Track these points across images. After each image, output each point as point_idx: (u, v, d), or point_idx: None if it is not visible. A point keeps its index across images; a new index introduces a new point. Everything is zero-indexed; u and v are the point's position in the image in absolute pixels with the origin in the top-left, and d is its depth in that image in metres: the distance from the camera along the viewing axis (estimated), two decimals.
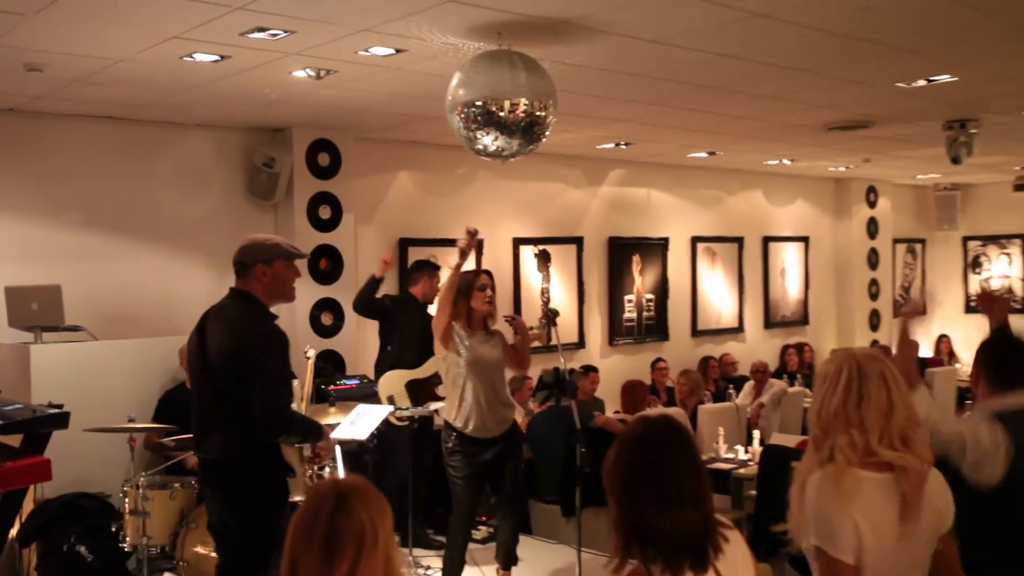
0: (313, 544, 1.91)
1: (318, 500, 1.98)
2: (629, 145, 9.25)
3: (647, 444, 2.35)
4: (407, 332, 6.66)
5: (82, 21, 4.64)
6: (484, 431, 5.30)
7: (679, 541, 2.25)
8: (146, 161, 7.39)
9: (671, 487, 2.28)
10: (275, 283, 4.25)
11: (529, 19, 4.73)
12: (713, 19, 4.82)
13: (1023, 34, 5.32)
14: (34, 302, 6.24)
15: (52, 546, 5.54)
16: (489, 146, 4.86)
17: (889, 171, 12.46)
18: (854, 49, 5.55)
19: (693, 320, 11.35)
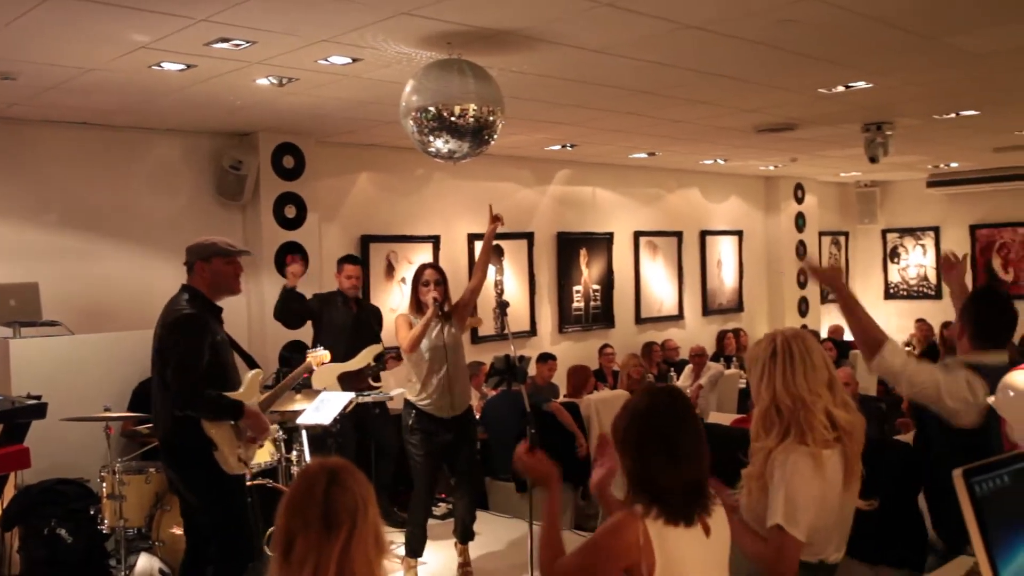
0: (310, 519, 1.91)
1: (310, 479, 1.98)
2: (575, 147, 9.30)
3: (648, 410, 2.49)
4: (334, 327, 6.57)
5: (52, 32, 4.58)
6: (441, 410, 5.33)
7: (677, 494, 2.38)
8: (119, 164, 7.30)
9: (671, 446, 2.41)
10: (215, 278, 4.45)
11: (477, 30, 4.74)
12: (648, 31, 4.85)
13: (929, 45, 5.41)
14: (12, 298, 6.16)
15: (33, 529, 5.48)
16: (441, 149, 4.86)
17: (814, 169, 12.62)
18: (778, 58, 5.62)
19: (637, 308, 11.43)
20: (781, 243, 13.26)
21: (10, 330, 6.14)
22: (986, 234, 13.59)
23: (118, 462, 5.34)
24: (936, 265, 14.13)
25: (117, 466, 5.29)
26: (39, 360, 6.00)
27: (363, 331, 6.35)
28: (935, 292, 14.15)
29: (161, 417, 4.37)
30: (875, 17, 4.80)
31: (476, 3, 4.29)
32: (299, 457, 5.75)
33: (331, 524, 1.91)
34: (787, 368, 2.82)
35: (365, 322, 6.48)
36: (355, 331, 6.35)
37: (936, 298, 14.06)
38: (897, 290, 14.64)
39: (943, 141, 9.73)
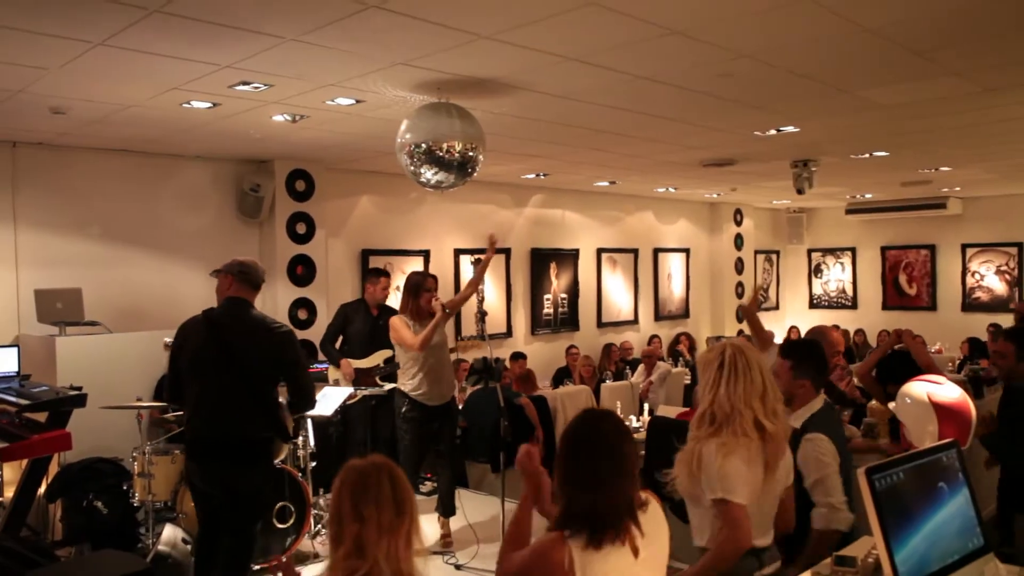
0: (384, 504, 1.89)
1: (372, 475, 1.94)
2: (547, 175, 9.33)
3: (571, 437, 2.34)
4: (355, 332, 6.49)
5: (97, 74, 4.56)
6: (431, 399, 5.32)
7: (598, 517, 2.22)
8: (153, 186, 7.25)
9: (588, 473, 2.25)
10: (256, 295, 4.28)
11: (463, 78, 4.75)
12: (606, 80, 4.87)
13: (846, 97, 5.47)
14: (59, 302, 6.11)
15: (74, 501, 5.42)
16: (431, 179, 4.86)
17: (751, 197, 12.71)
18: (719, 106, 5.66)
19: (598, 314, 11.45)
20: (722, 259, 13.33)
21: (56, 329, 6.09)
22: (894, 254, 13.73)
23: (148, 445, 5.30)
24: (853, 279, 14.28)
25: (147, 448, 5.26)
26: (81, 356, 5.95)
27: (380, 336, 6.29)
28: (851, 303, 14.28)
29: (245, 419, 4.01)
30: (800, 74, 4.85)
31: (462, 55, 4.29)
32: (304, 442, 5.72)
33: (400, 508, 1.92)
34: (730, 380, 2.82)
35: (383, 328, 6.41)
36: (372, 336, 6.31)
37: (852, 308, 14.20)
38: (820, 301, 14.76)
39: (859, 175, 9.83)
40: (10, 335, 6.33)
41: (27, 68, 4.39)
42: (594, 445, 2.28)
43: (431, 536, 5.57)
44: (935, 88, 5.25)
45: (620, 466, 2.28)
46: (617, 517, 2.24)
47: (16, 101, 5.11)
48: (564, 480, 2.26)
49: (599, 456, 2.27)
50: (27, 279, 6.43)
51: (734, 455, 2.78)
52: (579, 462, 2.27)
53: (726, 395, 2.82)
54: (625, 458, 2.30)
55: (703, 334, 12.96)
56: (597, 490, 2.23)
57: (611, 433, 2.32)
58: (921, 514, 2.17)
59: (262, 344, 4.01)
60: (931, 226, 13.07)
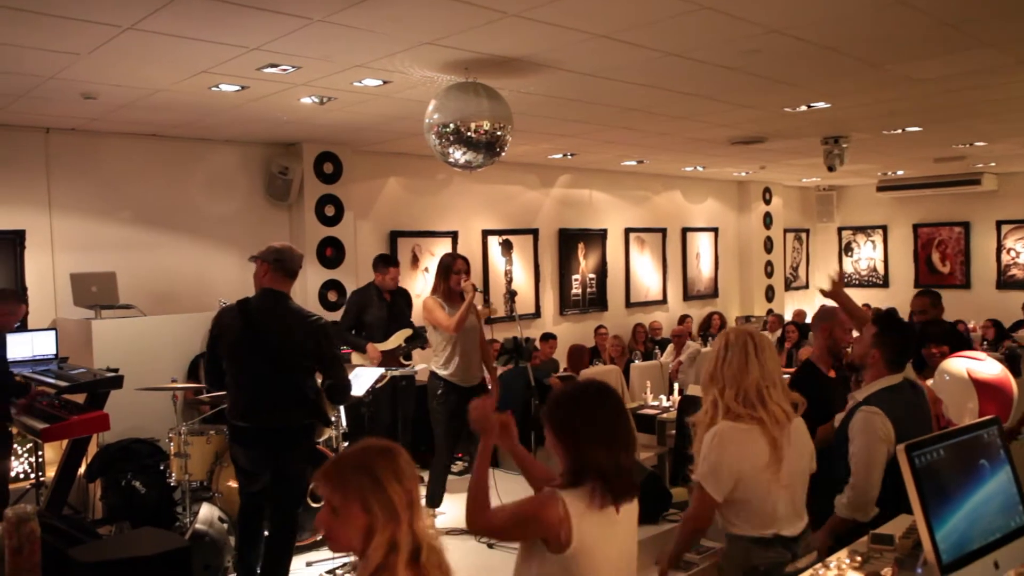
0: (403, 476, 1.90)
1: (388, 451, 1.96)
2: (574, 155, 9.26)
3: (586, 396, 2.38)
4: (373, 319, 6.42)
5: (127, 59, 4.58)
6: (464, 380, 5.33)
7: (610, 476, 2.28)
8: (183, 170, 7.31)
9: (606, 431, 2.30)
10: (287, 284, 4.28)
11: (491, 57, 4.72)
12: (634, 57, 4.82)
13: (878, 72, 5.37)
14: (94, 285, 6.18)
15: (113, 481, 5.51)
16: (459, 159, 4.85)
17: (780, 175, 12.56)
18: (748, 82, 5.58)
19: (627, 294, 11.40)
20: (751, 239, 13.19)
21: (92, 312, 6.16)
22: (927, 232, 13.50)
23: (183, 425, 5.36)
24: (884, 258, 14.08)
25: (183, 429, 5.31)
26: (116, 338, 6.02)
27: (398, 318, 6.32)
28: (883, 282, 14.08)
29: (282, 407, 4.11)
30: (831, 47, 4.76)
31: (490, 34, 4.26)
32: (336, 423, 5.76)
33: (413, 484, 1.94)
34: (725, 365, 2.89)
35: (400, 311, 6.44)
36: (390, 319, 6.33)
37: (883, 287, 14.01)
38: (850, 280, 14.56)
39: (891, 152, 9.66)
40: (47, 319, 6.42)
41: (58, 54, 4.42)
42: (613, 406, 2.36)
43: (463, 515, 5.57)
44: (969, 61, 5.13)
45: (630, 429, 2.39)
46: (628, 477, 2.33)
47: (48, 87, 5.15)
48: (579, 437, 2.29)
49: (617, 417, 2.34)
50: (63, 263, 6.51)
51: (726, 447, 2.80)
52: (596, 420, 2.31)
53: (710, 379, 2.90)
54: (631, 424, 2.40)
55: (732, 314, 12.86)
56: (613, 449, 2.29)
57: (619, 400, 2.42)
58: (962, 492, 2.14)
59: (297, 337, 4.07)
60: (965, 203, 12.82)
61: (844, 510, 3.15)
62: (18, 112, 5.89)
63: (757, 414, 2.83)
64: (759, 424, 2.82)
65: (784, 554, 2.89)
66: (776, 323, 11.13)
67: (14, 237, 6.38)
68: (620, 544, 2.39)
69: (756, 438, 2.81)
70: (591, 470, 2.28)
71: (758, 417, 2.83)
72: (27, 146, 6.46)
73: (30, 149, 6.47)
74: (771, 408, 2.85)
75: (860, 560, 2.67)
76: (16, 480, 5.84)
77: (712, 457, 2.82)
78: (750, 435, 2.81)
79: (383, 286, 6.41)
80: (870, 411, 3.13)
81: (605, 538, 2.31)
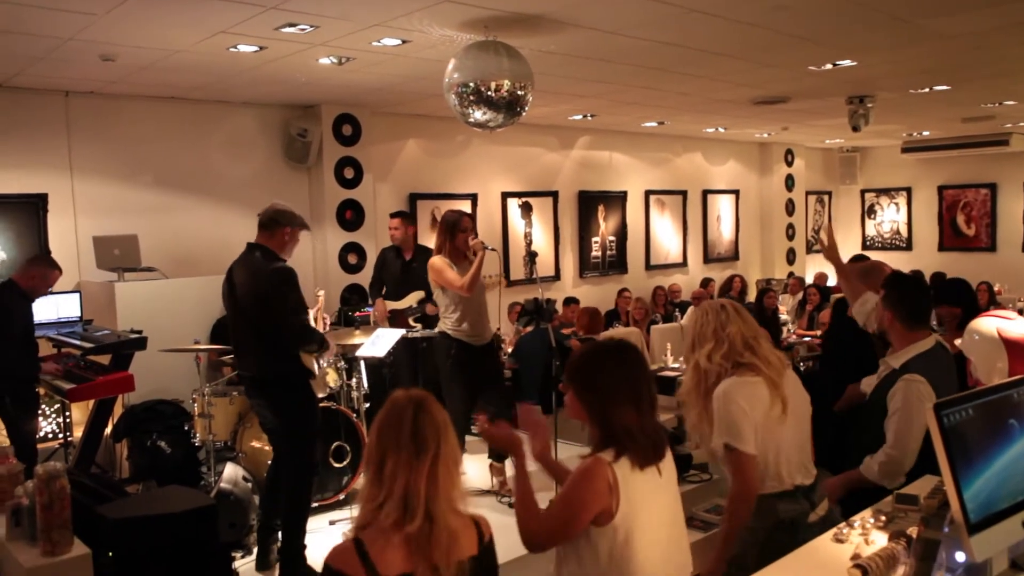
0: (402, 442, 1.88)
1: (400, 407, 1.94)
2: (594, 116, 9.16)
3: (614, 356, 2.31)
4: (389, 276, 6.46)
5: (145, 19, 4.55)
6: (475, 339, 5.30)
7: (643, 438, 2.24)
8: (202, 133, 7.30)
9: (638, 392, 2.26)
10: (291, 243, 4.36)
11: (511, 15, 4.65)
12: (656, 14, 4.73)
13: (907, 27, 5.25)
14: (116, 248, 6.22)
15: (138, 442, 5.58)
16: (479, 119, 4.80)
17: (803, 137, 12.39)
18: (773, 39, 5.47)
19: (647, 257, 11.35)
20: (773, 201, 13.06)
21: (115, 275, 6.21)
22: (952, 194, 13.31)
23: (207, 386, 5.41)
24: (908, 220, 13.90)
25: (206, 390, 5.36)
26: (139, 301, 6.06)
27: (411, 277, 6.30)
28: (906, 244, 13.93)
29: (259, 357, 4.22)
30: (858, 2, 4.65)
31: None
32: (358, 383, 5.80)
33: (420, 446, 1.89)
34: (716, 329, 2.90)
35: (416, 270, 6.40)
36: (403, 277, 6.31)
37: (907, 249, 13.86)
38: (873, 242, 14.42)
39: (918, 112, 9.49)
40: (71, 281, 6.47)
41: (75, 14, 4.40)
42: (638, 364, 2.32)
43: (482, 476, 5.61)
44: (1000, 15, 4.99)
45: (653, 388, 2.32)
46: (660, 436, 2.29)
47: (67, 49, 5.14)
48: (606, 397, 2.24)
49: (643, 374, 2.30)
50: (85, 227, 6.55)
51: (735, 400, 2.78)
52: (624, 379, 2.26)
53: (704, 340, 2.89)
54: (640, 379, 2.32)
55: (753, 277, 12.78)
56: (641, 407, 2.25)
57: (643, 357, 2.36)
58: (990, 452, 2.11)
59: (256, 285, 4.16)
60: (992, 164, 12.60)
61: (874, 475, 3.12)
62: (38, 75, 5.89)
63: (748, 360, 2.82)
64: (756, 372, 2.82)
65: (805, 504, 2.90)
66: (797, 286, 11.05)
67: (36, 201, 6.41)
68: (666, 506, 2.32)
69: (759, 387, 2.81)
70: (622, 431, 2.23)
71: (751, 364, 2.82)
72: (47, 110, 6.46)
73: (50, 113, 6.48)
74: (762, 354, 2.86)
75: (885, 520, 2.66)
76: (44, 440, 5.93)
77: (728, 416, 2.78)
78: (753, 385, 2.81)
79: (404, 244, 6.42)
80: (913, 379, 3.06)
81: (651, 501, 2.25)
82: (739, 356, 2.82)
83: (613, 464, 2.19)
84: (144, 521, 3.26)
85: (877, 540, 2.53)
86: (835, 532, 2.62)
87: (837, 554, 2.50)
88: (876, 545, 2.49)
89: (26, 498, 3.16)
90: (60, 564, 3.02)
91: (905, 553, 2.33)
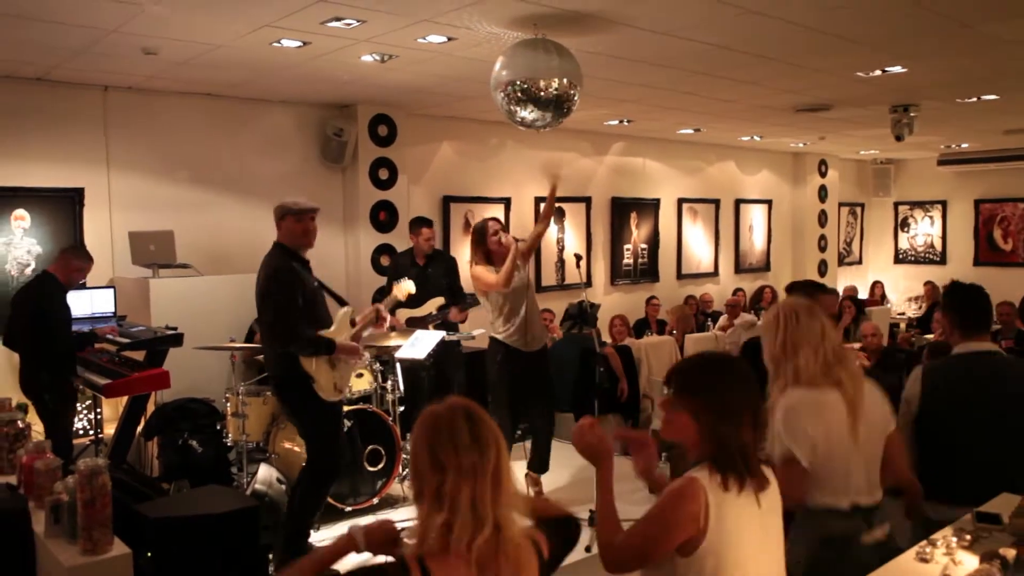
0: (461, 447, 1.72)
1: (447, 418, 1.77)
2: (631, 122, 9.04)
3: (710, 366, 2.18)
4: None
5: (190, 11, 4.49)
6: (526, 344, 5.19)
7: (737, 452, 2.04)
8: (239, 131, 7.25)
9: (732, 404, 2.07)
10: (290, 235, 4.34)
11: (561, 12, 4.55)
12: (713, 14, 4.63)
13: (963, 31, 5.10)
14: (152, 244, 6.17)
15: (170, 440, 5.51)
16: (527, 118, 4.68)
17: (838, 147, 12.21)
18: (825, 42, 5.34)
19: (678, 265, 11.20)
20: (805, 212, 12.88)
21: (150, 271, 6.15)
22: (989, 208, 13.06)
23: (241, 386, 5.33)
24: (942, 234, 13.66)
25: (240, 389, 5.29)
26: (174, 297, 6.01)
27: (429, 283, 6.14)
28: (939, 258, 13.69)
29: (267, 355, 4.45)
30: (919, 3, 4.51)
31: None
32: (393, 386, 5.70)
33: (483, 449, 1.73)
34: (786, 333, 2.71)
35: (432, 275, 6.26)
36: (421, 284, 6.18)
37: (941, 263, 13.61)
38: (906, 256, 14.19)
39: (960, 123, 9.31)
40: (105, 277, 6.42)
41: (121, 4, 4.34)
42: (737, 376, 2.12)
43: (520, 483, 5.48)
44: None
45: (756, 402, 2.13)
46: (752, 454, 2.08)
47: (109, 42, 5.09)
48: (729, 416, 2.06)
49: (742, 388, 2.10)
50: (120, 222, 6.50)
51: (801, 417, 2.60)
52: (721, 393, 2.08)
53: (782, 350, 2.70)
54: (757, 395, 2.14)
55: (783, 288, 12.58)
56: (737, 422, 2.05)
57: (746, 367, 2.16)
58: None
59: (258, 283, 4.27)
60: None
61: None
62: (77, 69, 5.85)
63: (836, 375, 2.66)
64: (836, 386, 2.65)
65: (861, 525, 2.74)
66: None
67: (73, 195, 6.37)
68: (763, 538, 2.10)
69: (832, 402, 2.64)
70: (737, 451, 2.04)
71: (837, 378, 2.66)
72: (85, 104, 6.43)
73: (88, 107, 6.44)
74: (850, 367, 2.70)
75: (970, 539, 2.52)
76: (76, 436, 5.87)
77: (789, 429, 2.61)
78: (824, 400, 2.64)
79: (418, 249, 6.27)
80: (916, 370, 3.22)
81: (745, 529, 2.05)
82: (829, 367, 2.65)
83: (708, 487, 2.01)
84: (186, 521, 3.16)
85: (964, 561, 2.40)
86: (917, 551, 2.49)
87: (923, 573, 2.36)
88: (964, 565, 2.36)
89: (66, 494, 3.07)
90: (101, 563, 2.92)
91: (1000, 575, 2.19)
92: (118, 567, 2.95)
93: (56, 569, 2.95)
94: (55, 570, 2.96)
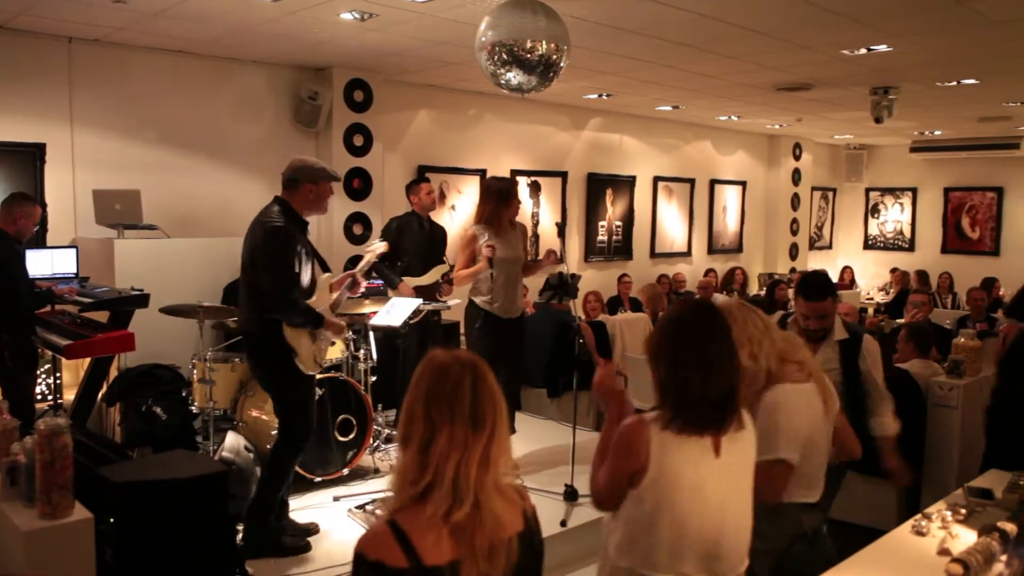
0: (459, 415, 1.62)
1: (455, 375, 1.67)
2: (610, 96, 8.92)
3: (680, 317, 2.16)
4: (413, 248, 6.03)
5: None
6: (505, 312, 5.11)
7: (704, 405, 2.05)
8: (210, 91, 7.01)
9: (692, 353, 2.07)
10: (317, 199, 4.07)
11: None
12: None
13: (951, 8, 5.05)
14: (117, 203, 5.94)
15: (133, 406, 5.32)
16: (512, 81, 4.53)
17: (813, 131, 12.22)
18: (815, 16, 5.26)
19: (652, 244, 11.15)
20: (779, 194, 12.90)
21: (114, 232, 5.93)
22: (958, 196, 13.20)
23: (208, 351, 5.16)
24: (912, 221, 13.78)
25: (208, 354, 5.11)
26: (140, 259, 5.79)
27: (436, 249, 6.04)
28: (908, 245, 13.82)
29: (246, 316, 4.08)
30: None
31: None
32: (366, 355, 5.57)
33: (478, 423, 1.64)
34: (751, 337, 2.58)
35: (438, 240, 6.14)
36: (429, 249, 6.02)
37: (909, 250, 13.75)
38: (875, 242, 14.31)
39: (937, 108, 9.33)
40: (67, 236, 6.19)
41: None
42: (706, 327, 2.12)
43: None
44: None
45: (731, 354, 2.11)
46: (720, 407, 2.08)
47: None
48: (664, 359, 2.11)
49: (708, 338, 2.10)
50: (83, 180, 6.26)
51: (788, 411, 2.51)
52: (683, 342, 2.10)
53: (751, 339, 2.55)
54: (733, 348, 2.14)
55: (755, 270, 12.63)
56: (698, 371, 2.06)
57: (721, 320, 2.16)
58: None
59: (251, 235, 3.99)
60: (1000, 168, 12.50)
61: None
62: (41, 17, 5.59)
63: (799, 356, 2.58)
64: (807, 377, 2.56)
65: (823, 516, 2.66)
66: None
67: (34, 150, 6.11)
68: (714, 485, 2.09)
69: (809, 395, 2.56)
70: (673, 394, 2.08)
71: (799, 360, 2.57)
72: (49, 56, 6.16)
73: (52, 59, 6.17)
74: (803, 354, 2.63)
75: (964, 513, 2.48)
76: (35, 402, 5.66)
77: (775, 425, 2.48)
78: (804, 394, 2.55)
79: (421, 208, 6.06)
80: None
81: (691, 474, 2.05)
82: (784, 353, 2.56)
83: (652, 427, 2.08)
84: (151, 486, 3.02)
85: (961, 534, 2.35)
86: (913, 524, 2.43)
87: (921, 547, 2.31)
88: (961, 539, 2.31)
89: (24, 456, 2.92)
90: (60, 528, 2.79)
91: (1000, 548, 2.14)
92: (79, 532, 2.82)
93: (12, 533, 2.80)
94: (11, 535, 2.81)
